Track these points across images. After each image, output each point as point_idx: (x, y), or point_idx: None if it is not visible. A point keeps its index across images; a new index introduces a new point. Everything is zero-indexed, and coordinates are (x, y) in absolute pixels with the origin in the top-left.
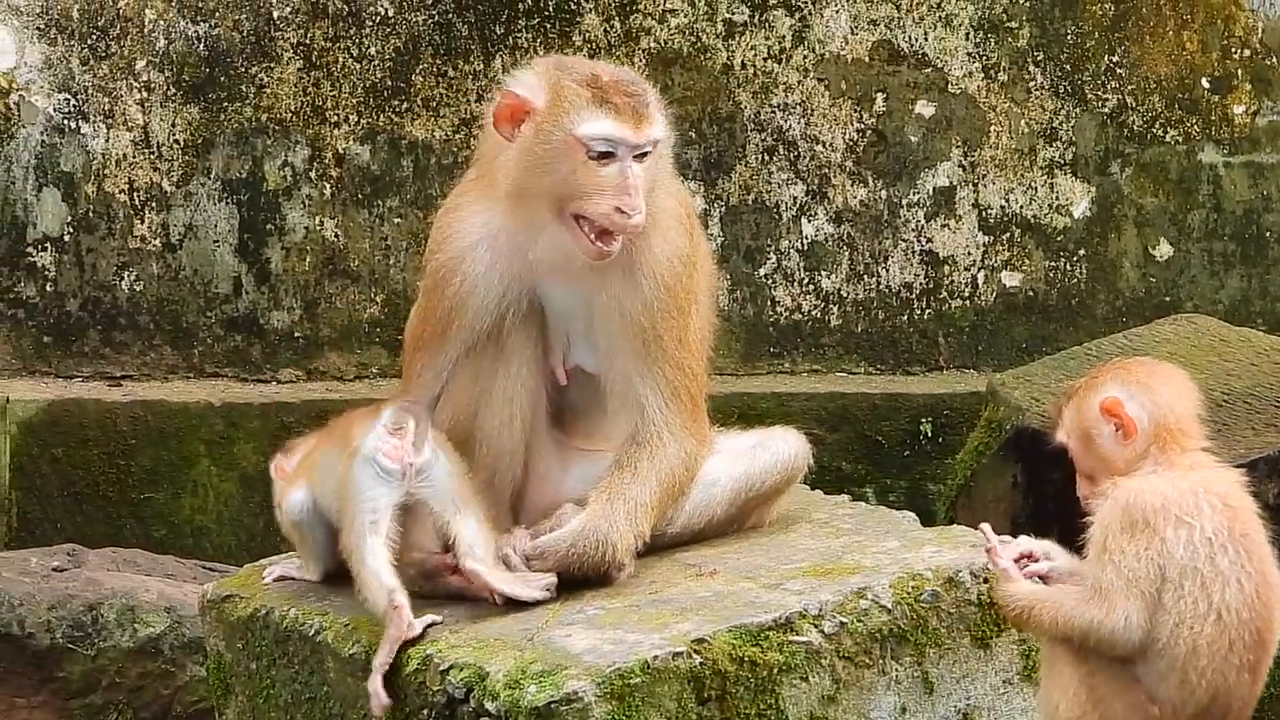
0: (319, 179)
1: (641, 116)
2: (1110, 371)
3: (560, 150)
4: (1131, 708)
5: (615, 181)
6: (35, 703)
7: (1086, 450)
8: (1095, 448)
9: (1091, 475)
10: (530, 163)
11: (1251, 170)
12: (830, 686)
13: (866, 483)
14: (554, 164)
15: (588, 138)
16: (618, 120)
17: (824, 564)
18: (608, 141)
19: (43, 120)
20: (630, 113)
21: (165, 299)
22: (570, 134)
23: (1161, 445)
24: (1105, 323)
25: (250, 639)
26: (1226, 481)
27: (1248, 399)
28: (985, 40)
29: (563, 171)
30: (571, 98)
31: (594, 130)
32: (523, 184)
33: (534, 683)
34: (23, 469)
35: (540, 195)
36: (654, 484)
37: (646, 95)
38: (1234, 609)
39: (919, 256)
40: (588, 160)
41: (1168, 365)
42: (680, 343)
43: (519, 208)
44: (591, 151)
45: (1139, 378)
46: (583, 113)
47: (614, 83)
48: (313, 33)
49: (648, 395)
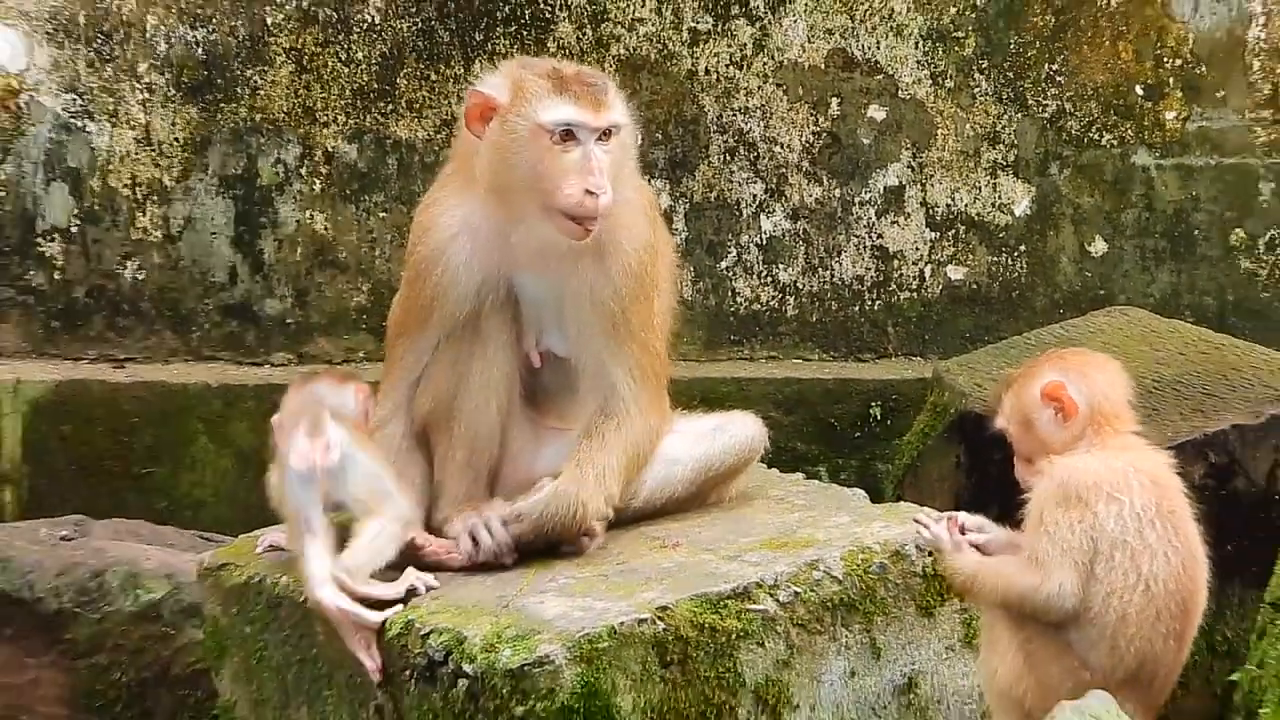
0: (309, 175)
1: (600, 102)
2: (1049, 360)
3: (526, 139)
4: (1065, 672)
5: (580, 164)
6: (44, 662)
7: (1026, 433)
8: (1035, 430)
9: (1030, 457)
10: (501, 156)
11: (1181, 172)
12: (785, 652)
13: (820, 462)
14: (522, 153)
15: (550, 123)
16: (577, 105)
17: (780, 538)
18: (569, 124)
19: (51, 119)
20: (589, 98)
21: (166, 287)
22: (534, 121)
23: (1096, 428)
24: (1044, 314)
25: (244, 604)
26: (1155, 462)
27: (1176, 386)
28: (933, 49)
29: (530, 160)
30: (533, 89)
31: (555, 115)
32: (498, 179)
33: (509, 646)
34: (33, 445)
35: (516, 189)
36: (620, 453)
37: (604, 84)
38: (1161, 580)
39: (870, 251)
40: (552, 145)
41: (1101, 355)
42: (646, 325)
43: (498, 202)
44: (554, 136)
45: (1076, 365)
46: (544, 100)
47: (573, 73)
48: (304, 38)
49: (617, 373)
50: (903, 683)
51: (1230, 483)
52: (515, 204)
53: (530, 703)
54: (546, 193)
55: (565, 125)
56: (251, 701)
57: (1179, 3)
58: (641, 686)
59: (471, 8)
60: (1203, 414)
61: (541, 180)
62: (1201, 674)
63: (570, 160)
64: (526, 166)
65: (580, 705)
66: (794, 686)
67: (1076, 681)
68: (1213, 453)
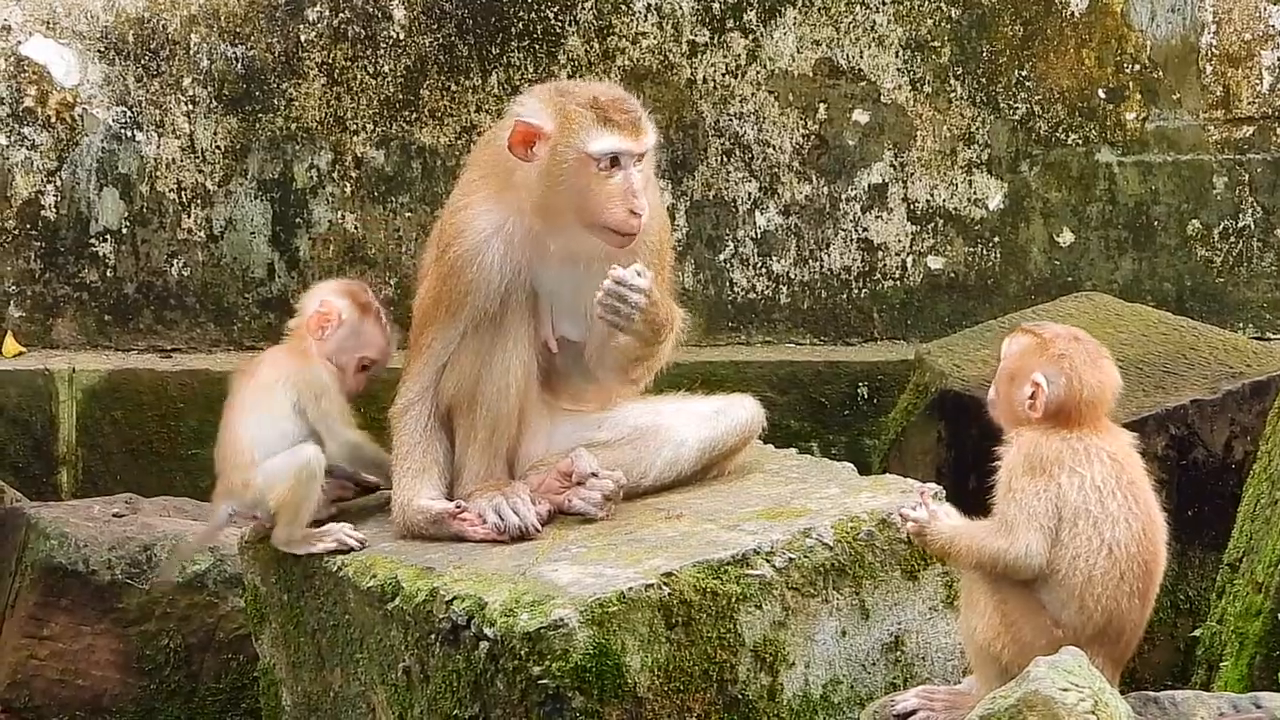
0: (341, 179)
1: (639, 128)
2: (1060, 343)
3: (574, 167)
4: (1038, 629)
5: (623, 188)
6: (98, 630)
7: (1007, 387)
8: (1011, 395)
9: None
10: (549, 180)
11: (1142, 168)
12: (780, 613)
13: (811, 438)
14: (570, 179)
15: (597, 153)
16: (621, 135)
17: (775, 508)
18: (614, 154)
19: (103, 130)
20: (630, 127)
21: (209, 283)
22: (582, 151)
23: (1059, 420)
24: (1016, 300)
25: (282, 574)
26: (1116, 441)
27: (1138, 365)
28: (912, 57)
29: (579, 185)
30: (579, 120)
31: (602, 146)
32: (546, 198)
33: (526, 611)
34: (87, 429)
35: (563, 209)
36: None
37: (639, 110)
38: (1123, 544)
39: (856, 244)
40: (598, 172)
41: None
42: (664, 287)
43: (542, 216)
44: (601, 164)
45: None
46: (590, 131)
47: (611, 102)
48: (335, 53)
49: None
50: (890, 641)
51: (1190, 454)
52: (559, 219)
53: (546, 663)
54: (593, 212)
55: (611, 154)
56: (289, 664)
57: (1137, 13)
58: (649, 647)
59: (489, 24)
60: (1164, 390)
61: (589, 202)
62: (1166, 630)
63: (614, 184)
64: (574, 191)
65: (592, 665)
66: (789, 645)
67: (1049, 638)
68: (1173, 426)
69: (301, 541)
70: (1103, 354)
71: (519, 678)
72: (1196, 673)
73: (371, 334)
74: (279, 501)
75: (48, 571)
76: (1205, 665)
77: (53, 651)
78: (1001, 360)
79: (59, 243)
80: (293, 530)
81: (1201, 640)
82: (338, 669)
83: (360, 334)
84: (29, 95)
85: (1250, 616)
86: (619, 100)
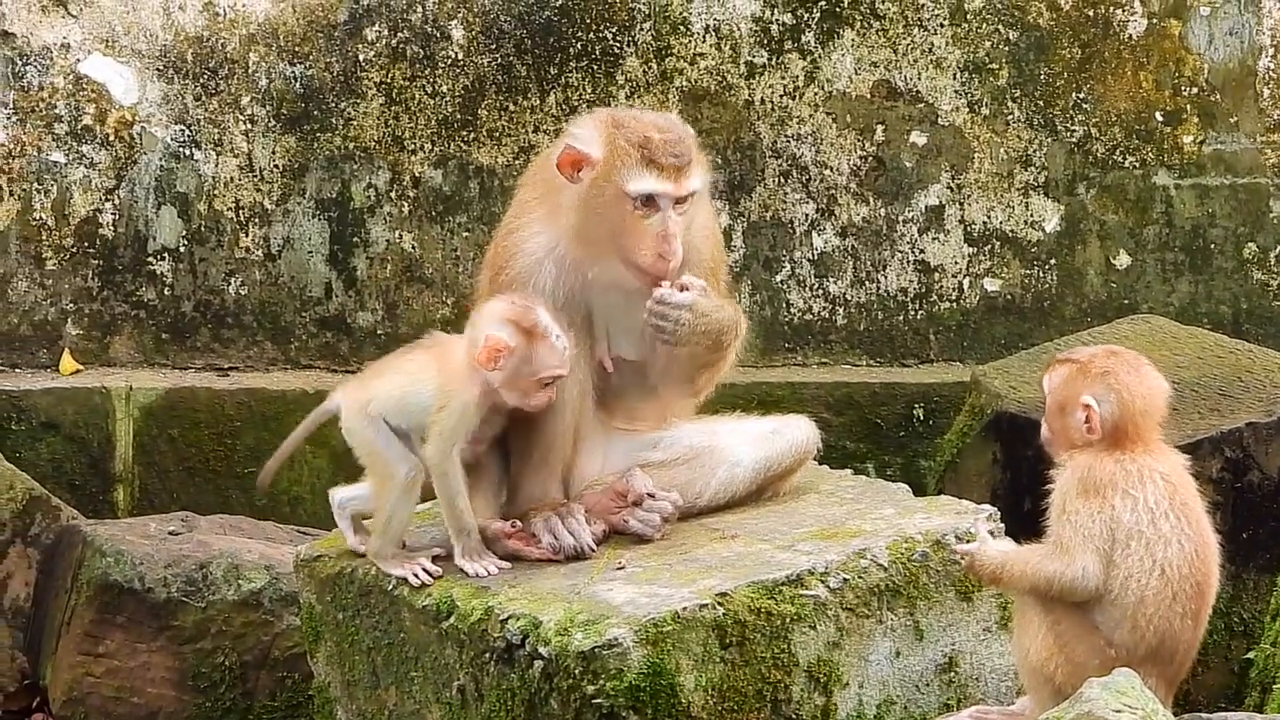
0: (398, 199)
1: (681, 173)
2: (1099, 361)
3: (611, 201)
4: (1092, 650)
5: (657, 230)
6: (154, 647)
7: (1059, 420)
8: (1066, 426)
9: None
10: (589, 209)
11: (1198, 191)
12: (835, 634)
13: (867, 459)
14: (606, 212)
15: (634, 192)
16: (660, 178)
17: (830, 528)
18: (651, 197)
19: (161, 148)
20: (672, 170)
21: (266, 301)
22: (621, 189)
23: (1117, 439)
24: (1073, 322)
25: (337, 593)
26: (1168, 462)
27: (1194, 387)
28: (970, 80)
29: (614, 220)
30: (624, 156)
31: (640, 188)
32: (584, 226)
33: (581, 630)
34: (144, 447)
35: (599, 240)
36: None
37: (688, 154)
38: (1175, 566)
39: (913, 265)
40: (634, 210)
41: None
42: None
43: (581, 243)
44: (637, 203)
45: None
46: (632, 171)
47: (662, 143)
48: (393, 73)
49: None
50: (944, 662)
51: (1245, 476)
52: (595, 248)
53: (600, 682)
54: (625, 249)
55: (648, 195)
56: (344, 682)
57: (1195, 35)
58: (703, 666)
59: (547, 45)
60: (1219, 413)
61: (622, 239)
62: (1220, 652)
63: (649, 226)
64: (610, 225)
65: (646, 684)
66: (844, 666)
67: (1103, 659)
68: (1228, 448)
69: (391, 559)
70: (1143, 362)
71: (573, 697)
72: (1250, 695)
73: (545, 356)
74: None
75: (104, 589)
76: (1259, 687)
77: (108, 669)
78: (1047, 396)
79: (117, 261)
80: (384, 544)
81: (1255, 663)
82: (392, 687)
83: (533, 359)
84: (88, 113)
85: None
86: (669, 143)
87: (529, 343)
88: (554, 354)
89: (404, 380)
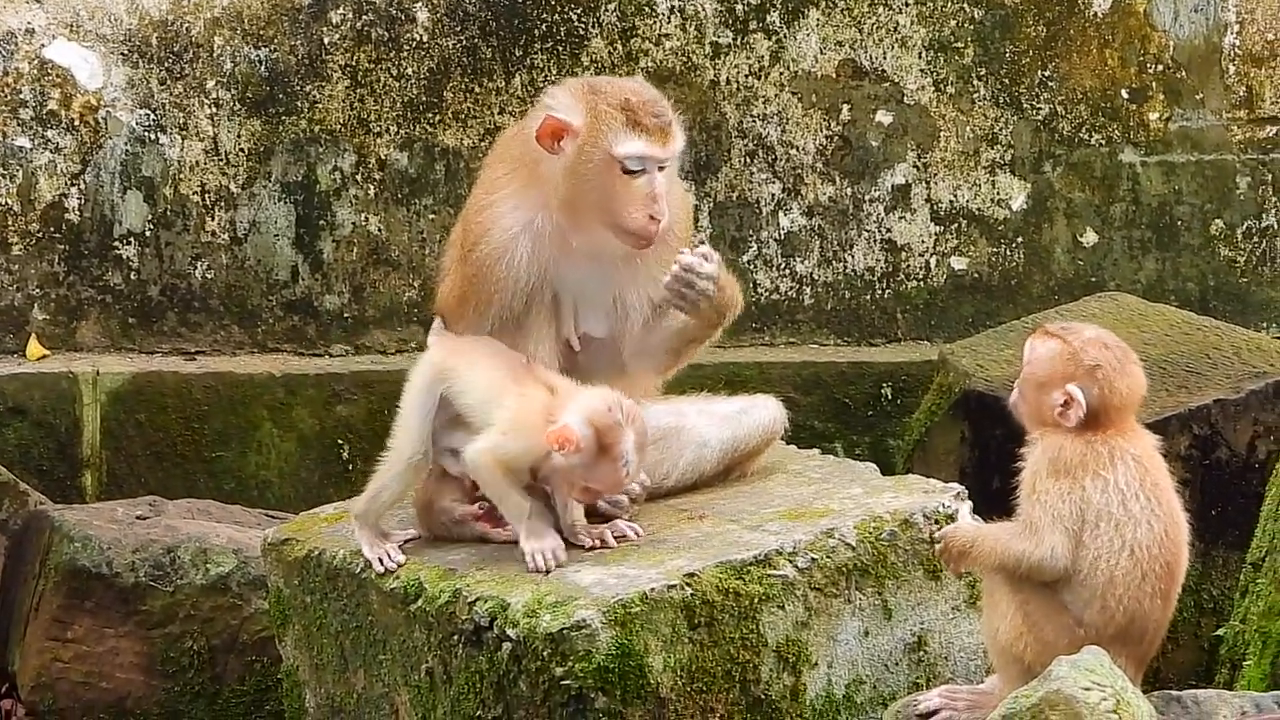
0: (364, 181)
1: (667, 134)
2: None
3: (598, 167)
4: (1060, 630)
5: (645, 192)
6: (122, 632)
7: (1035, 393)
8: (1040, 402)
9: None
10: (575, 178)
11: (1164, 169)
12: (803, 614)
13: (835, 439)
14: (593, 179)
15: (624, 157)
16: (648, 140)
17: (798, 508)
18: (640, 159)
19: (126, 132)
20: (658, 132)
21: (233, 285)
22: (607, 153)
23: (1090, 425)
24: (1040, 300)
25: (305, 576)
26: (1141, 444)
27: (1162, 365)
28: (935, 58)
29: (601, 186)
30: (608, 121)
31: (629, 150)
32: (569, 195)
33: (549, 612)
34: (111, 432)
35: (586, 207)
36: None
37: (669, 116)
38: (1145, 546)
39: (879, 244)
40: (621, 174)
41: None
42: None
43: (566, 212)
44: (626, 168)
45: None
46: (618, 134)
47: (643, 105)
48: (358, 56)
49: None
50: (912, 641)
51: (1213, 453)
52: (582, 217)
53: (569, 664)
54: (614, 214)
55: (637, 160)
56: (312, 666)
57: (1160, 13)
58: (671, 647)
59: (512, 26)
60: (1187, 390)
61: (610, 203)
62: (1189, 630)
63: (637, 188)
64: (597, 191)
65: (615, 665)
66: (812, 645)
67: (1072, 638)
68: (1196, 425)
69: (366, 530)
70: (1130, 358)
71: (542, 679)
72: (1220, 672)
73: (604, 474)
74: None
75: (71, 574)
76: (1228, 664)
77: (76, 654)
78: (1027, 363)
79: (83, 246)
80: (366, 510)
81: (1225, 639)
82: (361, 670)
83: (592, 470)
84: (52, 98)
85: (1273, 616)
86: (650, 103)
87: (597, 454)
88: (613, 476)
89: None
